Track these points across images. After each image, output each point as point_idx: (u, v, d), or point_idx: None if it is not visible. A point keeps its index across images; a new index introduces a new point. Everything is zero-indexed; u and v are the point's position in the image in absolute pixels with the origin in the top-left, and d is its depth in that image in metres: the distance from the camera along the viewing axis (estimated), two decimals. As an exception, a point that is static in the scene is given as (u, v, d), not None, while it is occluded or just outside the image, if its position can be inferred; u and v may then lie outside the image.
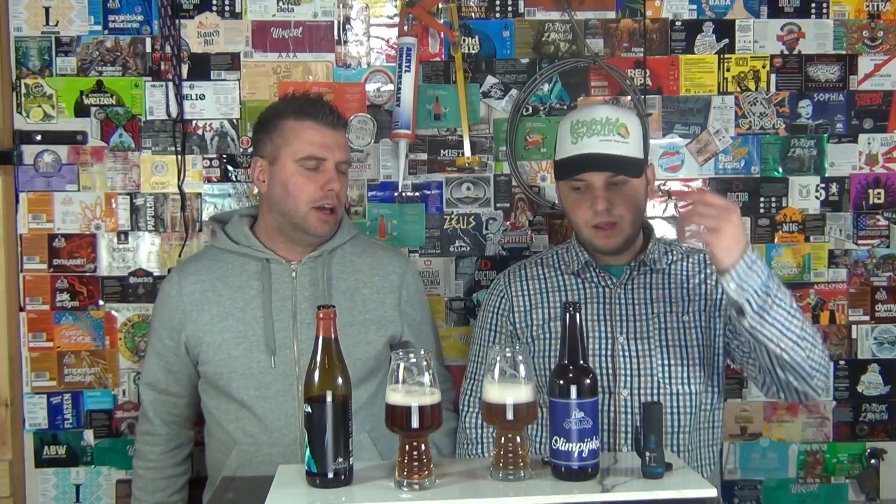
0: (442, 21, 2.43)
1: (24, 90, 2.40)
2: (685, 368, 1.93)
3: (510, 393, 1.47)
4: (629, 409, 1.90)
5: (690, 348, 1.93)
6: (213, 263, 2.04)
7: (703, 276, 1.99)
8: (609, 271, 1.98)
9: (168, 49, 2.40)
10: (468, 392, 2.09)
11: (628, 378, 1.91)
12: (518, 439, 1.49)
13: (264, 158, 2.00)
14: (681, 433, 1.93)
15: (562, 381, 1.48)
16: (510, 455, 1.48)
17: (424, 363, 1.47)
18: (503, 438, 1.49)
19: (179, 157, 2.42)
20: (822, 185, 2.52)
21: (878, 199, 2.52)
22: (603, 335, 1.94)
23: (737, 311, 1.67)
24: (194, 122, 2.43)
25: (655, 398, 1.91)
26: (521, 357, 1.49)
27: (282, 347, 1.96)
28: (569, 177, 1.91)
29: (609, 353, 1.93)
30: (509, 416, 1.47)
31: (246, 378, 1.96)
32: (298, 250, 2.03)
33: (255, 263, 2.02)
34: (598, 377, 1.90)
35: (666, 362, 1.92)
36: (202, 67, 2.43)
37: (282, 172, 1.96)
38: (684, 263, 2.01)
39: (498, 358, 1.49)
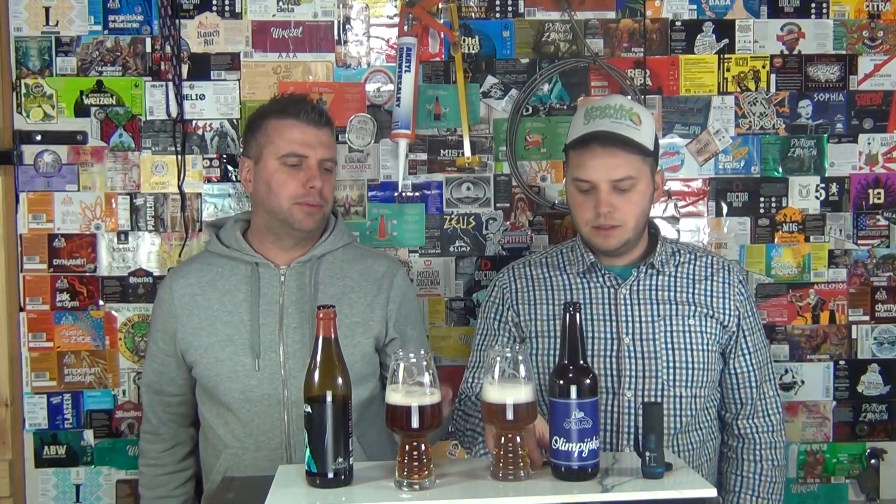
0: (442, 21, 2.43)
1: (24, 90, 2.40)
2: (689, 372, 1.93)
3: (510, 393, 1.47)
4: (632, 411, 1.90)
5: (696, 352, 1.95)
6: (205, 267, 2.05)
7: (709, 282, 2.00)
8: (615, 272, 1.98)
9: (168, 49, 2.40)
10: (469, 380, 2.06)
11: (633, 379, 1.91)
12: (518, 439, 1.49)
13: (250, 158, 2.03)
14: (681, 434, 1.94)
15: (562, 381, 1.48)
16: (510, 455, 1.48)
17: (424, 363, 1.47)
18: (503, 438, 1.49)
19: (179, 157, 2.42)
20: (822, 185, 2.52)
21: (878, 199, 2.52)
22: (609, 336, 1.94)
23: None
24: (194, 122, 2.43)
25: (658, 400, 1.91)
26: (521, 357, 1.49)
27: (267, 351, 1.96)
28: (577, 150, 1.92)
29: (614, 354, 1.93)
30: (509, 416, 1.47)
31: (231, 381, 1.96)
32: (287, 252, 2.03)
33: (244, 267, 2.02)
34: (603, 378, 1.91)
35: (671, 365, 1.92)
36: (202, 67, 2.43)
37: (265, 170, 1.98)
38: (691, 266, 2.02)
39: (498, 358, 1.49)
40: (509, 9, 2.46)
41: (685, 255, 2.04)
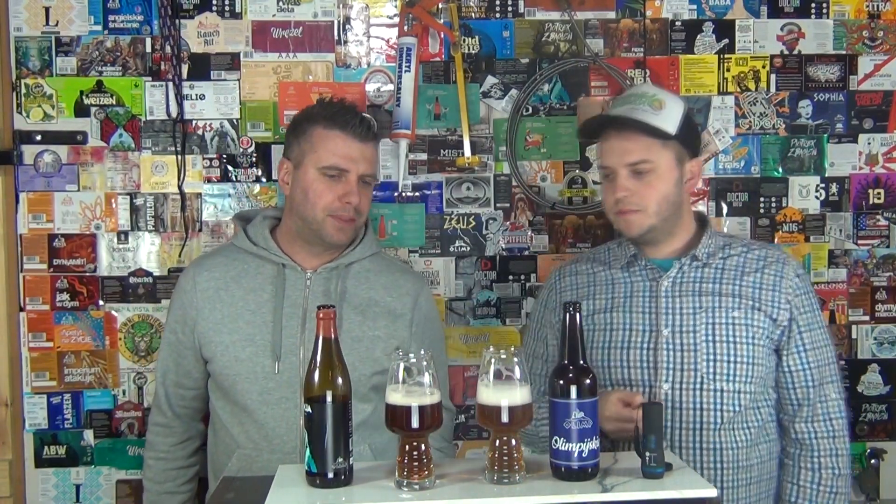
0: (442, 21, 2.43)
1: (24, 90, 2.40)
2: (731, 365, 1.89)
3: (505, 395, 1.46)
4: (669, 404, 1.87)
5: (739, 345, 1.90)
6: (230, 262, 2.04)
7: (759, 274, 1.95)
8: (657, 264, 1.97)
9: (168, 49, 2.40)
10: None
11: (671, 371, 1.88)
12: (513, 442, 1.48)
13: (290, 161, 2.01)
14: (723, 430, 1.88)
15: (562, 381, 1.48)
16: (504, 458, 1.47)
17: (424, 363, 1.47)
18: (497, 441, 1.48)
19: (179, 157, 2.42)
20: (822, 185, 2.52)
21: (878, 199, 2.52)
22: (647, 328, 1.92)
23: None
24: (194, 122, 2.43)
25: (698, 393, 1.87)
26: (516, 359, 1.48)
27: (287, 354, 1.95)
28: (599, 139, 1.97)
29: (652, 345, 1.90)
30: (504, 418, 1.46)
31: (250, 382, 1.95)
32: (315, 257, 2.02)
33: (270, 267, 2.01)
34: (639, 370, 1.90)
35: (711, 358, 1.88)
36: (202, 67, 2.43)
37: (304, 178, 1.97)
38: (741, 258, 1.97)
39: (493, 360, 1.48)
40: (509, 9, 2.46)
41: (737, 247, 2.00)
